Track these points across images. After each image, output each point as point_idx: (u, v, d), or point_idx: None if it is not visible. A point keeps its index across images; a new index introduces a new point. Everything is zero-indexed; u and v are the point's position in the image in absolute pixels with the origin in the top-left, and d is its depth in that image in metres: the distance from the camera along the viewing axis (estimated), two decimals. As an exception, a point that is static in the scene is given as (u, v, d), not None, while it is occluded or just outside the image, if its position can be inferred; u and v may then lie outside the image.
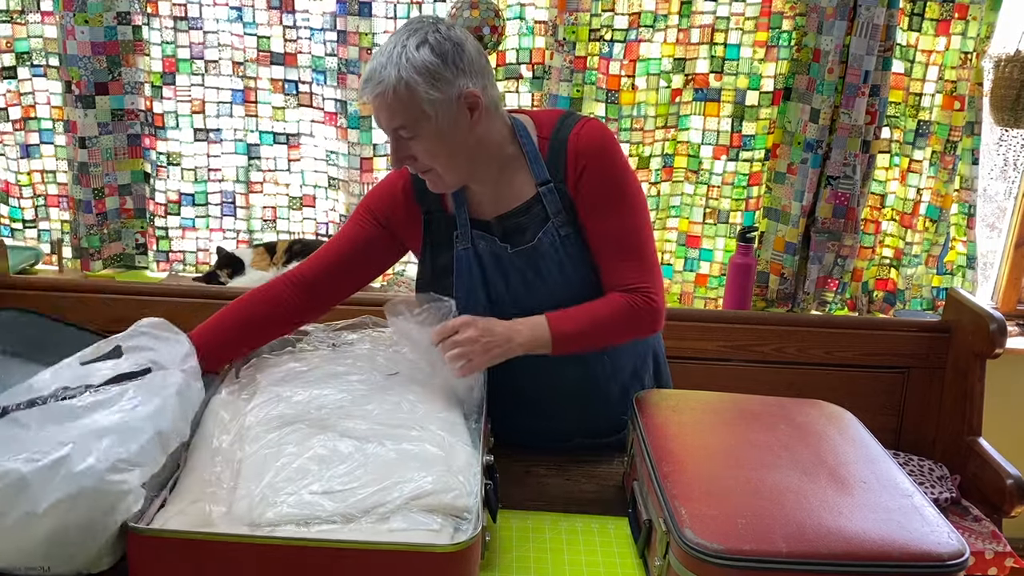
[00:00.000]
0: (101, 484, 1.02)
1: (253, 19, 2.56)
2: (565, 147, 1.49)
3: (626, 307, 1.47)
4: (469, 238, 1.53)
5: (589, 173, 1.48)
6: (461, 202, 1.53)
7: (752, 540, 1.06)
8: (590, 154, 1.48)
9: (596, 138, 1.50)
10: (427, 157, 1.43)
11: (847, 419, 1.41)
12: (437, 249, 1.56)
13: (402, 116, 1.39)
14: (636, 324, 1.50)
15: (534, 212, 1.51)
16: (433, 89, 1.37)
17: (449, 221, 1.55)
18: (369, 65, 1.40)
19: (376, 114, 1.43)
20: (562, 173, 1.49)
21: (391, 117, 1.40)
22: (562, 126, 1.51)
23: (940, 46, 2.51)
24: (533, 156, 1.50)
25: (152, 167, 2.65)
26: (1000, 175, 2.90)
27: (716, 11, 2.51)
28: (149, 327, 1.37)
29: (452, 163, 1.44)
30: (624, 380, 1.63)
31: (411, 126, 1.40)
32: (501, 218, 1.53)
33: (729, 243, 2.68)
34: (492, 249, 1.52)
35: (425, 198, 1.55)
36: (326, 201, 2.74)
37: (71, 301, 2.25)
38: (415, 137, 1.41)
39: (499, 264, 1.52)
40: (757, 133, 2.59)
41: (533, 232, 1.50)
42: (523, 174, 1.51)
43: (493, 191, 1.52)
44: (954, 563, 1.05)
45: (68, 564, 1.04)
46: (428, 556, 1.04)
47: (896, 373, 2.35)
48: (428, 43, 1.37)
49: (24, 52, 2.59)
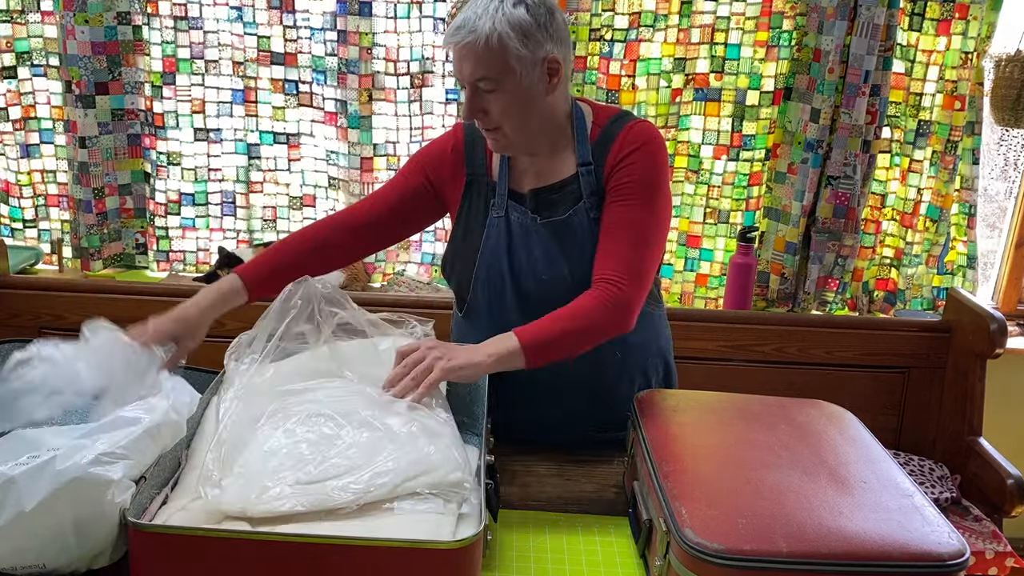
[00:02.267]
0: (84, 476, 1.02)
1: (253, 19, 2.56)
2: (615, 136, 1.53)
3: (592, 301, 1.44)
4: (504, 207, 1.56)
5: (627, 160, 1.51)
6: (504, 171, 1.57)
7: (752, 540, 1.06)
8: (635, 145, 1.51)
9: (646, 134, 1.53)
10: (501, 114, 1.46)
11: (847, 419, 1.41)
12: (472, 214, 1.60)
13: (487, 68, 1.41)
14: (603, 316, 1.45)
15: (569, 190, 1.54)
16: (523, 47, 1.41)
17: (489, 187, 1.59)
18: (461, 15, 1.42)
19: (459, 63, 1.44)
20: (604, 158, 1.53)
21: (476, 67, 1.42)
22: (618, 119, 1.56)
23: (941, 46, 2.51)
24: (582, 138, 1.55)
25: (152, 167, 2.65)
26: (1000, 175, 2.90)
27: (716, 11, 2.51)
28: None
29: (522, 124, 1.48)
30: (633, 376, 1.64)
31: (494, 79, 1.42)
32: (536, 191, 1.56)
33: (730, 243, 2.68)
34: (522, 221, 1.55)
35: (473, 162, 1.60)
36: (326, 201, 2.74)
37: (71, 301, 2.25)
38: (495, 91, 1.44)
39: (526, 236, 1.55)
40: (757, 133, 2.59)
41: (564, 209, 1.54)
42: (567, 153, 1.56)
43: (538, 164, 1.57)
44: (954, 563, 1.05)
45: (64, 560, 1.04)
46: (432, 552, 1.04)
47: (896, 373, 2.35)
48: (525, 3, 1.42)
49: (24, 52, 2.59)
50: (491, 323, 1.55)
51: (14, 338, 1.51)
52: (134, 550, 1.05)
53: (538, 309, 1.49)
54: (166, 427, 1.17)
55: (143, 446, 1.12)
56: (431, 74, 2.59)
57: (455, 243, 1.63)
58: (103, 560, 1.08)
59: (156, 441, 1.15)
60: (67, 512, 1.02)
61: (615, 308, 1.45)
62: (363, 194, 2.62)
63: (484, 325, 1.57)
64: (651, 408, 1.42)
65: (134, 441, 1.10)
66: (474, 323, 1.61)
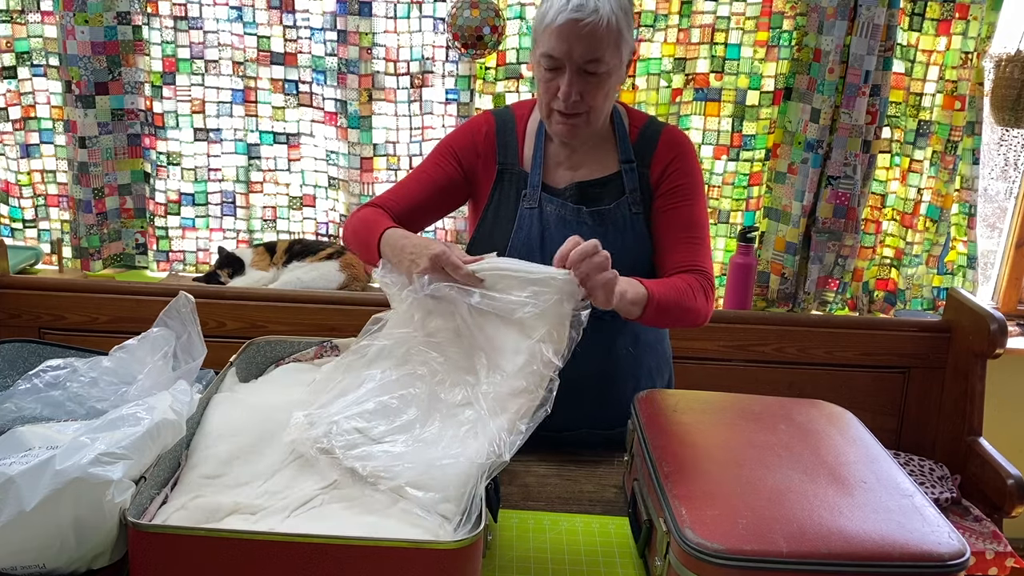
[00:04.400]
0: (85, 476, 1.02)
1: (253, 19, 2.56)
2: (657, 137, 1.58)
3: (698, 286, 1.51)
4: (537, 199, 1.56)
5: (679, 162, 1.57)
6: (538, 163, 1.57)
7: (752, 540, 1.06)
8: (681, 147, 1.59)
9: (685, 138, 1.63)
10: (596, 97, 1.47)
11: (847, 419, 1.41)
12: (502, 203, 1.59)
13: (603, 49, 1.41)
14: (700, 301, 1.50)
15: (612, 186, 1.57)
16: (629, 33, 1.45)
17: (520, 178, 1.58)
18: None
19: (569, 42, 1.41)
20: (648, 158, 1.57)
21: (593, 48, 1.41)
22: (652, 122, 1.62)
23: (941, 46, 2.51)
24: (623, 136, 1.58)
25: (152, 167, 2.65)
26: (1000, 175, 2.90)
27: (716, 11, 2.51)
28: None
29: (605, 109, 1.51)
30: (642, 376, 1.65)
31: (606, 61, 1.43)
32: (580, 184, 1.57)
33: (730, 243, 2.68)
34: (560, 212, 1.56)
35: (505, 150, 1.60)
36: (326, 201, 2.74)
37: (71, 301, 2.25)
38: (601, 73, 1.44)
39: (564, 226, 1.54)
40: (757, 133, 2.59)
41: (608, 201, 1.56)
42: (607, 149, 1.58)
43: (576, 159, 1.58)
44: (955, 563, 1.05)
45: (64, 560, 1.04)
46: (432, 552, 1.04)
47: (896, 373, 2.35)
48: None
49: (24, 52, 2.59)
50: None
51: (14, 338, 1.51)
52: (134, 550, 1.05)
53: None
54: (166, 427, 1.17)
55: (143, 446, 1.12)
56: (431, 74, 2.59)
57: (482, 232, 1.62)
58: (103, 560, 1.08)
59: (156, 441, 1.15)
60: (67, 512, 1.02)
61: (709, 296, 1.53)
62: (363, 194, 2.62)
63: None
64: (651, 408, 1.42)
65: (134, 441, 1.10)
66: None
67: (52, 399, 1.27)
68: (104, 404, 1.27)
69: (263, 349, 1.55)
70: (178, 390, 1.26)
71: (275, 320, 2.25)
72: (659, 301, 1.41)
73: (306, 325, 2.24)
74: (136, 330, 1.37)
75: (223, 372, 1.46)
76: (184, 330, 1.33)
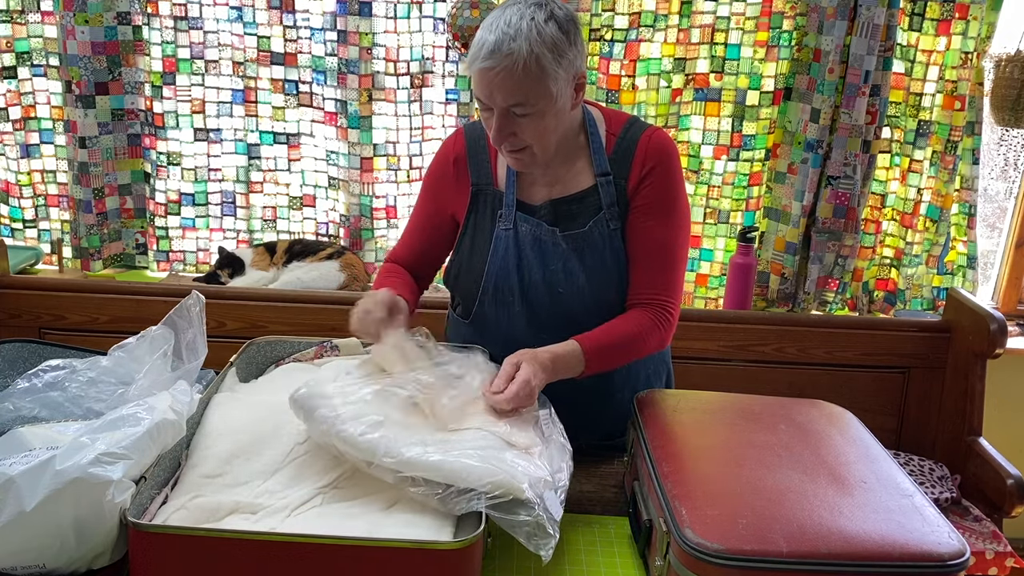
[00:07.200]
0: (85, 476, 1.03)
1: (253, 19, 2.56)
2: (635, 147, 1.49)
3: (648, 323, 1.49)
4: (512, 219, 1.51)
5: (654, 176, 1.49)
6: (512, 182, 1.52)
7: (752, 540, 1.06)
8: (659, 158, 1.49)
9: (667, 145, 1.51)
10: (532, 135, 1.39)
11: (847, 419, 1.41)
12: (479, 226, 1.55)
13: (525, 92, 1.33)
14: (653, 338, 1.50)
15: (588, 202, 1.50)
16: (559, 67, 1.33)
17: (495, 198, 1.53)
18: (491, 36, 1.32)
19: (488, 88, 1.35)
20: (626, 170, 1.49)
21: (512, 92, 1.33)
22: (631, 127, 1.52)
23: (940, 46, 2.51)
24: (598, 148, 1.50)
25: (152, 167, 2.65)
26: (1000, 175, 2.90)
27: (716, 11, 2.51)
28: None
29: (550, 142, 1.42)
30: (639, 385, 1.62)
31: (531, 103, 1.34)
32: (555, 203, 1.52)
33: (730, 243, 2.68)
34: (536, 233, 1.51)
35: (478, 171, 1.54)
36: (326, 201, 2.74)
37: (71, 301, 2.25)
38: (530, 115, 1.36)
39: (540, 248, 1.51)
40: (757, 133, 2.59)
41: (584, 220, 1.50)
42: (582, 163, 1.51)
43: (550, 175, 1.52)
44: (955, 563, 1.05)
45: (64, 560, 1.05)
46: (432, 552, 1.05)
47: (896, 373, 2.35)
48: (555, 18, 1.33)
49: (24, 52, 2.59)
50: (499, 334, 1.55)
51: (14, 338, 1.51)
52: (134, 550, 1.05)
53: (548, 321, 1.50)
54: (166, 427, 1.17)
55: (143, 446, 1.12)
56: (431, 74, 2.59)
57: (460, 256, 1.59)
58: (103, 560, 1.08)
59: (156, 441, 1.15)
60: (67, 512, 1.02)
61: (666, 329, 1.51)
62: (363, 194, 2.63)
63: (492, 335, 1.56)
64: (651, 408, 1.42)
65: (134, 441, 1.10)
66: (479, 330, 1.59)
67: (50, 399, 1.27)
68: (102, 405, 1.27)
69: (263, 349, 1.55)
70: (178, 390, 1.26)
71: (275, 320, 2.25)
72: (599, 362, 1.45)
73: (306, 325, 2.24)
74: (136, 330, 1.37)
75: (223, 372, 1.46)
76: (190, 329, 1.33)
